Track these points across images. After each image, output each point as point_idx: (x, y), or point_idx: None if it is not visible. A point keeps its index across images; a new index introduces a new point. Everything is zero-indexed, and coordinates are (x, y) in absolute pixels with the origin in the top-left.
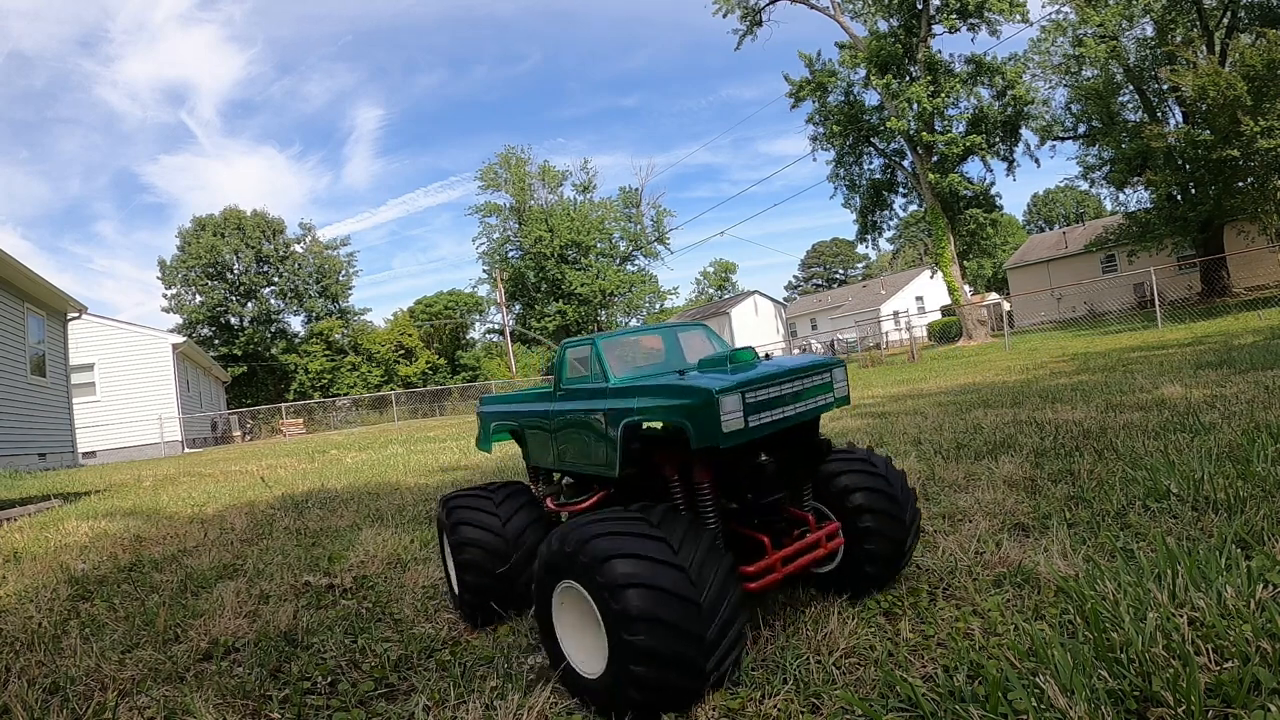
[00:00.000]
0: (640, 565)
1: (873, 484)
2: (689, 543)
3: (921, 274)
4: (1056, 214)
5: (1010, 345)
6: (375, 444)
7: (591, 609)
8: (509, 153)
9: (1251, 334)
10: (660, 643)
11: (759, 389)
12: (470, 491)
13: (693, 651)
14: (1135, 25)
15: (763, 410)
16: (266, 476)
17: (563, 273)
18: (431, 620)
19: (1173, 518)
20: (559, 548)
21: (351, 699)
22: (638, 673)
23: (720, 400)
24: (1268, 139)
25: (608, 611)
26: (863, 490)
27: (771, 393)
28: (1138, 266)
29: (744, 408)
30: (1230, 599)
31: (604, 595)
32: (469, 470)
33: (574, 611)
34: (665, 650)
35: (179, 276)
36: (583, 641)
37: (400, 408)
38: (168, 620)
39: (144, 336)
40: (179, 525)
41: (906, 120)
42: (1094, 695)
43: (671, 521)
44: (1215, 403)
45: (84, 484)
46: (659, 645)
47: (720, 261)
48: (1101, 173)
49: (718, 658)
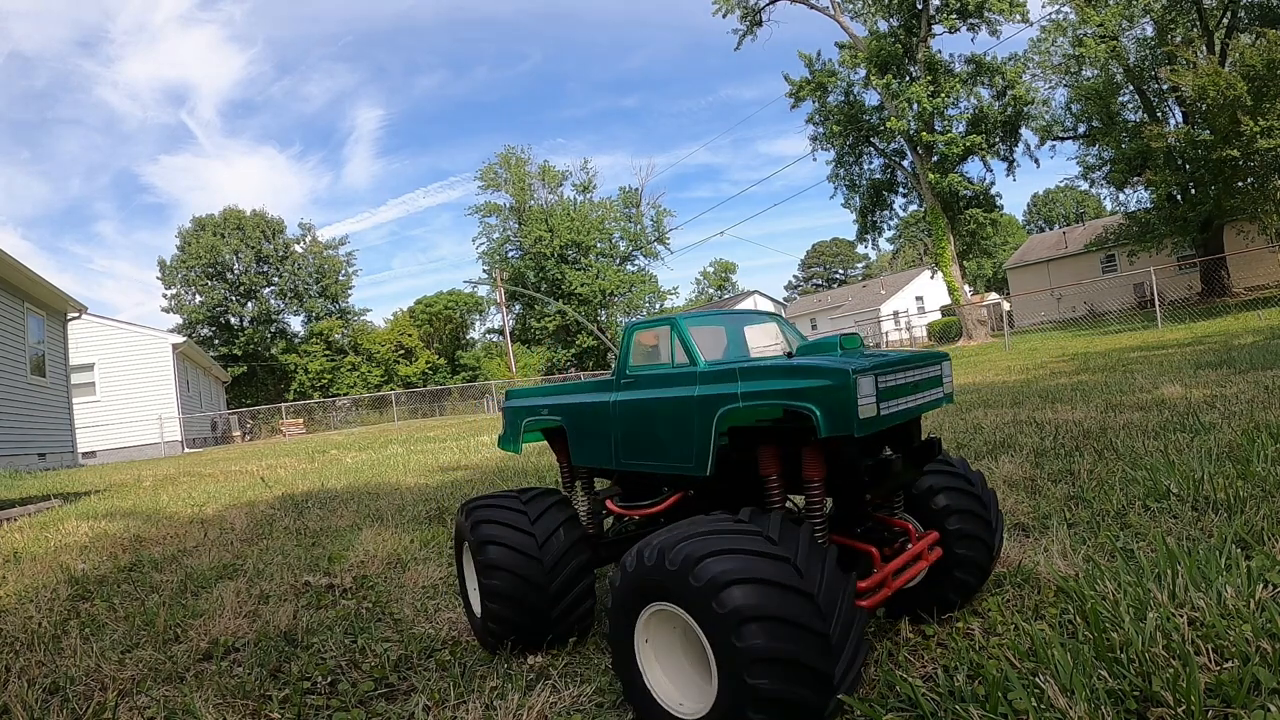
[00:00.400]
0: (766, 593)
1: (955, 484)
2: (813, 561)
3: (921, 274)
4: (1056, 214)
5: (1010, 345)
6: (375, 444)
7: (694, 639)
8: (509, 153)
9: (1251, 334)
10: (787, 686)
11: (890, 374)
12: (501, 501)
13: (819, 694)
14: (1135, 25)
15: (891, 398)
16: (266, 476)
17: (563, 273)
18: (431, 620)
19: (1173, 518)
20: (658, 562)
21: (351, 699)
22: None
23: (858, 382)
24: (1268, 139)
25: (724, 647)
26: (946, 491)
27: (900, 379)
28: (1138, 266)
29: (877, 393)
30: (1230, 599)
31: (721, 627)
32: (469, 470)
33: (665, 640)
34: (791, 696)
35: (179, 276)
36: (677, 677)
37: (400, 408)
38: (168, 620)
39: (144, 336)
40: (179, 525)
41: (906, 120)
42: (1094, 695)
43: (791, 535)
44: (1215, 403)
45: (84, 484)
46: (785, 690)
47: (720, 261)
48: (1101, 173)
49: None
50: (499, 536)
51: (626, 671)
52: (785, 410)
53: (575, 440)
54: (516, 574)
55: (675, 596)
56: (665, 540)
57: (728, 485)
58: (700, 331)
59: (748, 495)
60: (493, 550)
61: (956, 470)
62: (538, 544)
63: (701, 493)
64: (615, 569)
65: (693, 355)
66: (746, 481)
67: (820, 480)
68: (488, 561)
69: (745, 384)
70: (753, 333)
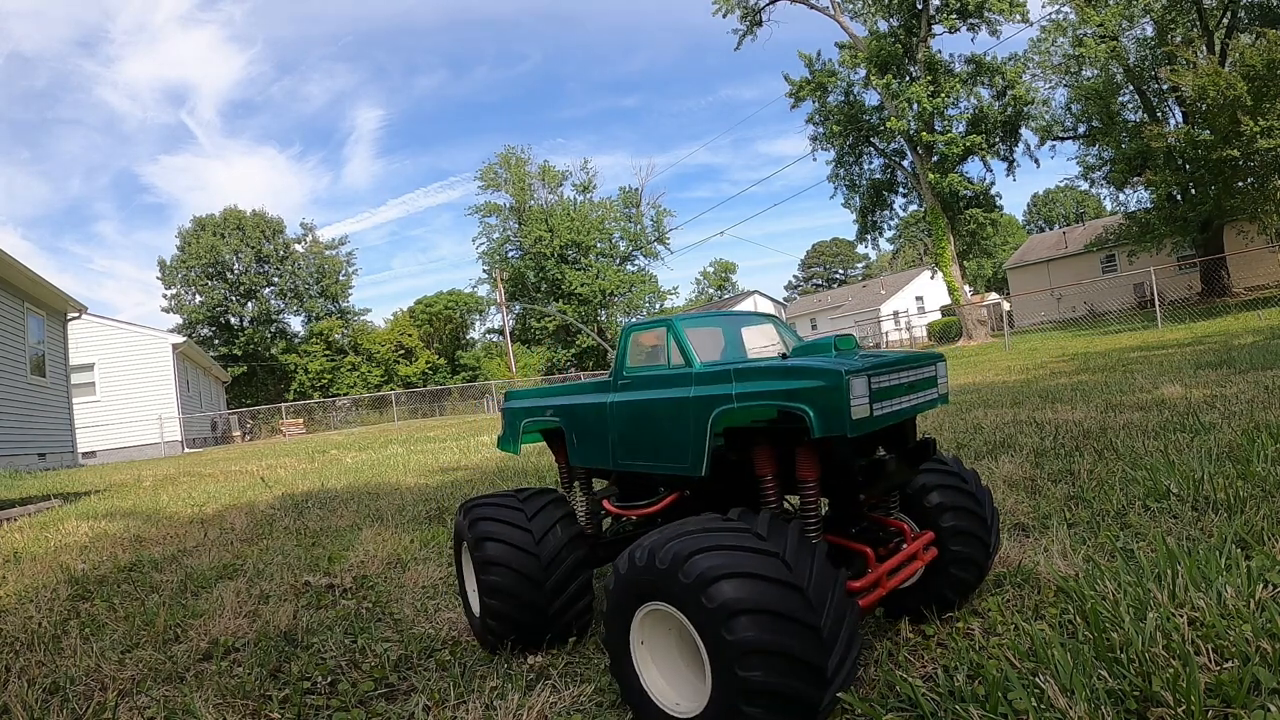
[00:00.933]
0: (755, 586)
1: (948, 482)
2: (803, 556)
3: (921, 274)
4: (1056, 214)
5: (1010, 345)
6: (375, 444)
7: (688, 638)
8: (509, 153)
9: (1251, 334)
10: (780, 679)
11: (883, 375)
12: (498, 500)
13: (813, 687)
14: (1135, 25)
15: (884, 399)
16: (266, 476)
17: (563, 273)
18: (431, 620)
19: (1173, 518)
20: (648, 562)
21: (351, 699)
22: (751, 714)
23: (850, 383)
24: (1268, 139)
25: (715, 641)
26: (940, 489)
27: (893, 380)
28: (1138, 266)
29: (870, 394)
30: (1230, 599)
31: (711, 622)
32: (469, 470)
33: (661, 641)
34: (784, 688)
35: (179, 276)
36: (672, 676)
37: (400, 408)
38: (168, 620)
39: (144, 336)
40: (179, 525)
41: (906, 120)
42: (1094, 695)
43: (779, 531)
44: (1215, 403)
45: (84, 484)
46: (778, 682)
47: (720, 261)
48: (1101, 173)
49: (833, 691)
50: (496, 533)
51: (623, 673)
52: (779, 411)
53: (573, 441)
54: (514, 569)
55: (666, 595)
56: (655, 540)
57: (723, 486)
58: (696, 333)
59: (743, 496)
60: (490, 546)
61: (950, 468)
62: (534, 540)
63: (698, 493)
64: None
65: (688, 356)
66: (742, 482)
67: (814, 480)
68: (486, 558)
69: (740, 385)
70: (750, 334)
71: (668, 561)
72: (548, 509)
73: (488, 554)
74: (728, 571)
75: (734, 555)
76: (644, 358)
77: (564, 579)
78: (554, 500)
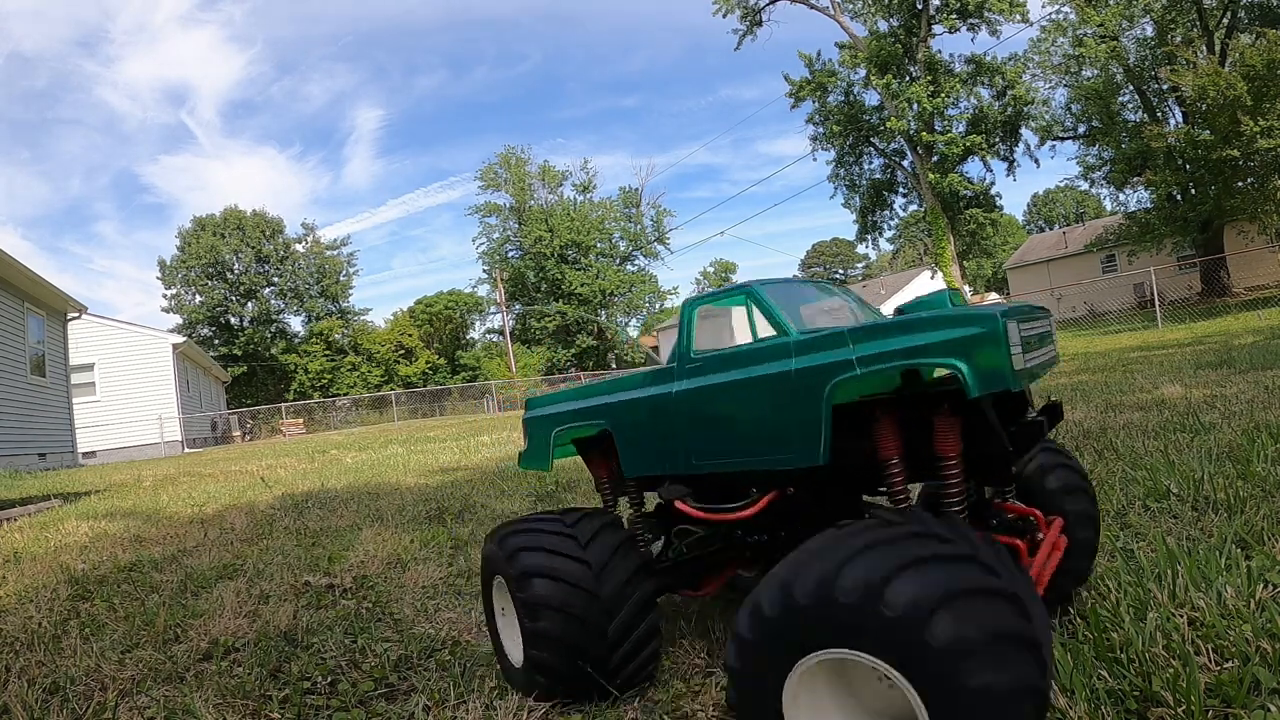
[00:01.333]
0: (986, 613)
1: (1062, 460)
2: (1004, 564)
3: (921, 274)
4: (1056, 214)
5: None
6: (375, 444)
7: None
8: (509, 153)
9: (1251, 334)
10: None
11: (1026, 321)
12: (541, 525)
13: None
14: (1135, 25)
15: (1030, 350)
16: (266, 476)
17: (563, 273)
18: (431, 620)
19: (1173, 518)
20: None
21: (351, 699)
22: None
23: (1008, 327)
24: (1268, 139)
25: (941, 694)
26: (1058, 470)
27: (1033, 329)
28: (1138, 266)
29: (1022, 341)
30: (1230, 599)
31: (937, 667)
32: (469, 470)
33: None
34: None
35: (179, 276)
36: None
37: (400, 408)
38: (168, 620)
39: (144, 336)
40: (179, 525)
41: (906, 120)
42: (1094, 695)
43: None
44: (1215, 403)
45: (84, 484)
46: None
47: (720, 261)
48: (1101, 173)
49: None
50: (546, 567)
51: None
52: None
53: (627, 446)
54: (570, 612)
55: (853, 638)
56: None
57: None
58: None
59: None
60: (540, 585)
61: (1057, 446)
62: (593, 574)
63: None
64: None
65: (780, 325)
66: (851, 470)
67: (957, 455)
68: (534, 598)
69: (861, 348)
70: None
71: (858, 592)
72: (604, 534)
73: (536, 593)
74: (946, 594)
75: (950, 571)
76: (715, 336)
77: (630, 621)
78: (610, 524)
